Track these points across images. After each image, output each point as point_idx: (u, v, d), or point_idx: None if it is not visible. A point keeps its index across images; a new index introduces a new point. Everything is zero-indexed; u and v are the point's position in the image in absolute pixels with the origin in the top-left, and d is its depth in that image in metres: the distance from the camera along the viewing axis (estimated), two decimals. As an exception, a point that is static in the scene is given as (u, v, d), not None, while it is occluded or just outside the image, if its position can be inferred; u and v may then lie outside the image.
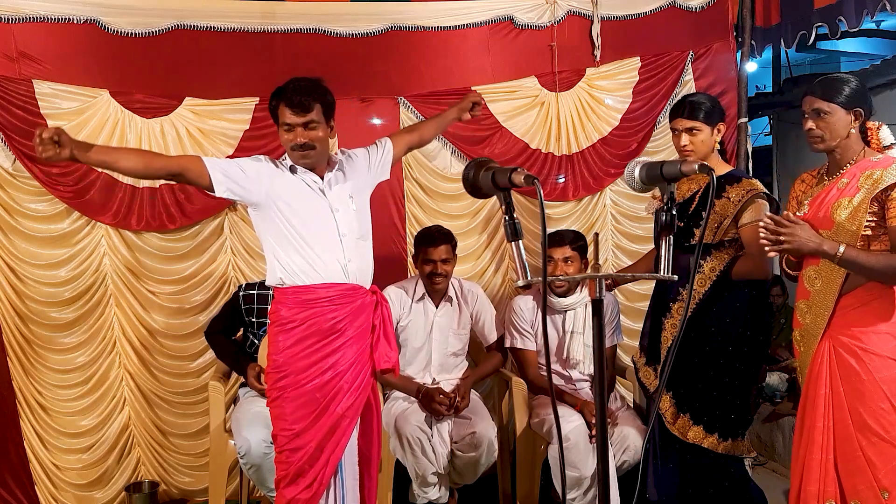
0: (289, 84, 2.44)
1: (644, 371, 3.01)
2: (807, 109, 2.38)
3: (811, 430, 2.39)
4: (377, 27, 3.67)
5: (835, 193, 2.35)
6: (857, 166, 2.33)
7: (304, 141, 2.43)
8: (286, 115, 2.42)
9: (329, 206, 2.48)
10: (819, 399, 2.36)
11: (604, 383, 1.71)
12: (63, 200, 3.39)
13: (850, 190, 2.31)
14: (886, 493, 2.22)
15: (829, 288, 2.34)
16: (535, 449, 3.28)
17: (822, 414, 2.35)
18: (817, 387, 2.37)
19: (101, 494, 3.56)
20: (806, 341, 2.44)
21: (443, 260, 3.25)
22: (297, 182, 2.49)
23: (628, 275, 3.21)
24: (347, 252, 2.48)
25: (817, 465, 2.36)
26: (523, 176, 1.60)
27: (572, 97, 3.91)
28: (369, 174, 2.67)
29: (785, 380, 4.13)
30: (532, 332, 3.34)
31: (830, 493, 2.34)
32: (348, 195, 2.53)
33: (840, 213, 2.30)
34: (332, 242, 2.46)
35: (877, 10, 3.34)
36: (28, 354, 3.42)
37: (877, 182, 2.24)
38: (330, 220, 2.47)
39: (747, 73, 4.12)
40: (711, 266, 2.77)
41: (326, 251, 2.45)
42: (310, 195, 2.48)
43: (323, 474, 2.43)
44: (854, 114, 2.33)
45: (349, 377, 2.47)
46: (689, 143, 2.74)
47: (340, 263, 2.46)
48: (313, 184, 2.50)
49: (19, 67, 3.30)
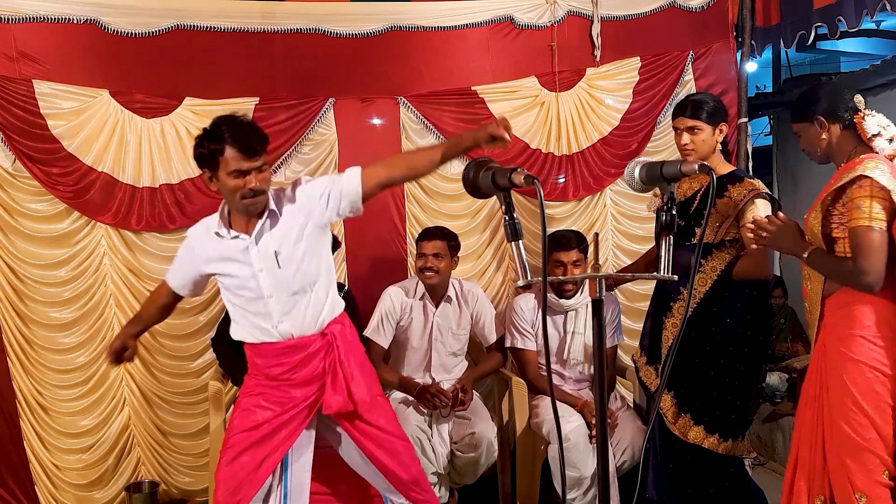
0: (231, 126, 2.25)
1: (645, 370, 3.01)
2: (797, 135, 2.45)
3: (801, 426, 2.43)
4: (377, 27, 3.67)
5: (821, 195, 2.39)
6: (844, 167, 2.34)
7: (257, 187, 2.26)
8: (237, 160, 2.22)
9: (251, 269, 2.35)
10: (810, 397, 2.39)
11: (604, 383, 1.71)
12: (63, 200, 3.39)
13: (826, 190, 2.34)
14: (863, 496, 2.23)
15: (816, 289, 2.38)
16: (535, 449, 3.28)
17: (812, 411, 2.38)
18: (810, 385, 2.40)
19: (101, 494, 3.56)
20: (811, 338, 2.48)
21: (435, 255, 3.24)
22: (222, 250, 2.38)
23: (628, 275, 3.21)
24: (276, 314, 2.37)
25: (807, 462, 2.39)
26: (523, 176, 1.60)
27: (572, 97, 3.91)
28: (313, 218, 2.38)
29: (785, 380, 4.12)
30: (533, 332, 3.34)
31: (818, 489, 2.35)
32: (273, 251, 2.34)
33: (812, 214, 2.35)
34: (258, 306, 2.38)
35: (876, 10, 3.34)
36: (28, 354, 3.42)
37: (839, 181, 2.27)
38: (253, 283, 2.36)
39: (747, 73, 4.12)
40: (712, 265, 2.78)
41: (256, 315, 2.40)
42: (233, 263, 2.38)
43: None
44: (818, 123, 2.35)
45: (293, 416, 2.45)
46: (689, 141, 2.75)
47: (270, 324, 2.39)
48: (236, 247, 2.36)
49: (19, 67, 3.30)
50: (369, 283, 3.67)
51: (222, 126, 2.26)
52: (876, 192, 2.18)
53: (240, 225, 2.38)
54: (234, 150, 2.22)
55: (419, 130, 3.78)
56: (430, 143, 3.78)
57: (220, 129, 2.25)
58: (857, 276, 2.20)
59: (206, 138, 2.28)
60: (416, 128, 3.77)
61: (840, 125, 2.34)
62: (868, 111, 2.33)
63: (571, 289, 3.24)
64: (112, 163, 3.43)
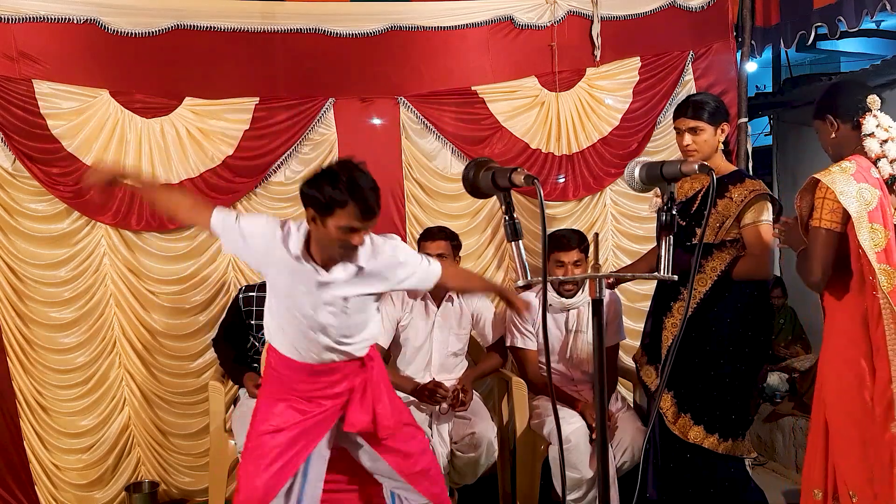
0: (357, 182, 2.15)
1: (645, 370, 3.01)
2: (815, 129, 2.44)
3: (811, 422, 2.48)
4: (377, 27, 3.67)
5: None
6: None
7: (359, 243, 2.24)
8: (353, 219, 2.16)
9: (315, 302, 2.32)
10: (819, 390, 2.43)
11: (604, 383, 1.71)
12: (63, 200, 3.38)
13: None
14: (855, 495, 2.24)
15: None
16: (535, 449, 3.28)
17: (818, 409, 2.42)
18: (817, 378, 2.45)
19: (101, 494, 3.56)
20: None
21: (438, 255, 3.24)
22: (294, 268, 2.31)
23: (628, 274, 3.20)
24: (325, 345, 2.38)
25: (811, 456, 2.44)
26: (523, 176, 1.60)
27: (572, 97, 3.91)
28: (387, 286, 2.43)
29: (785, 380, 4.12)
30: (533, 332, 3.33)
31: (817, 483, 2.38)
32: (343, 296, 2.34)
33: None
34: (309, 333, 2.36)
35: (876, 10, 3.34)
36: (28, 354, 3.42)
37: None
38: (310, 313, 2.33)
39: (747, 73, 4.12)
40: (713, 266, 2.78)
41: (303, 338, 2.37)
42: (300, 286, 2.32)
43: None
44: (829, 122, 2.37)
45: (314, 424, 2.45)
46: (692, 142, 2.74)
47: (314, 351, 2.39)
48: (309, 276, 2.31)
49: (19, 67, 3.30)
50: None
51: (349, 180, 2.15)
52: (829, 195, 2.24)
53: (319, 257, 2.32)
54: (356, 210, 2.15)
55: (419, 130, 3.78)
56: (430, 143, 3.79)
57: (346, 182, 2.15)
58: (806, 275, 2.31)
59: (328, 184, 2.15)
60: (416, 128, 3.77)
61: (850, 125, 2.35)
62: (876, 112, 2.34)
63: (572, 288, 3.23)
64: (112, 163, 3.43)
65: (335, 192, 2.14)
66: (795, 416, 3.81)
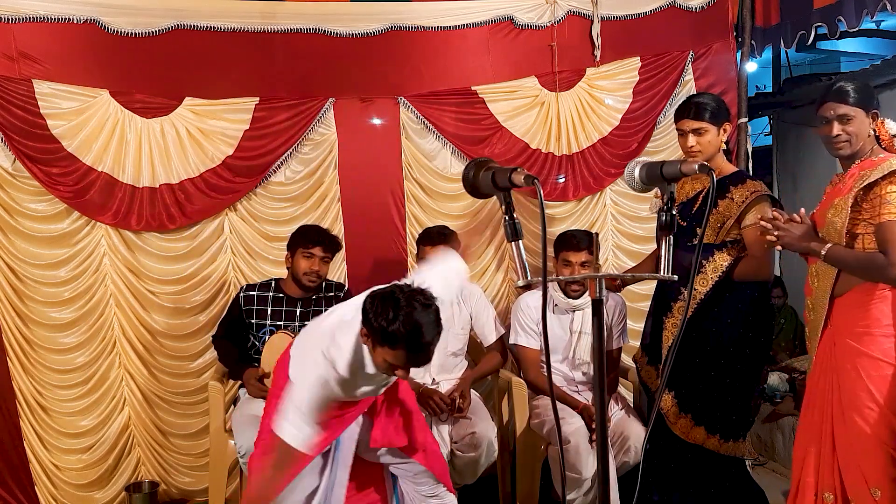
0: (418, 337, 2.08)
1: (646, 371, 3.01)
2: (830, 114, 2.35)
3: (810, 424, 2.43)
4: (377, 27, 3.67)
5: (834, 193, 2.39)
6: (859, 165, 2.35)
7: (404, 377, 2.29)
8: (401, 360, 2.13)
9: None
10: (818, 394, 2.41)
11: (604, 383, 1.71)
12: (63, 200, 3.38)
13: (845, 189, 2.34)
14: (878, 490, 2.24)
15: (824, 286, 2.39)
16: (535, 449, 3.28)
17: (820, 409, 2.40)
18: (818, 382, 2.41)
19: (101, 494, 3.56)
20: (812, 337, 2.48)
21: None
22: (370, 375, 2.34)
23: (628, 274, 3.19)
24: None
25: (814, 458, 2.40)
26: (523, 176, 1.60)
27: (572, 97, 3.91)
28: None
29: (785, 380, 4.12)
30: (537, 331, 3.31)
31: (828, 486, 2.36)
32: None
33: (830, 212, 2.35)
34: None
35: (877, 10, 3.34)
36: (28, 354, 3.41)
37: (864, 179, 2.27)
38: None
39: (747, 73, 4.12)
40: (713, 266, 2.77)
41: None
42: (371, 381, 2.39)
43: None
44: (872, 115, 2.34)
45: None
46: (695, 143, 2.74)
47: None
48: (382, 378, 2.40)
49: (19, 67, 3.30)
50: (370, 283, 3.58)
51: (412, 331, 2.07)
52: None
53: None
54: (404, 356, 2.12)
55: (419, 130, 3.78)
56: (430, 143, 3.79)
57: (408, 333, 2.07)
58: (886, 268, 2.22)
59: (393, 323, 2.07)
60: (416, 128, 3.77)
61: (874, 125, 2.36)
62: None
63: (578, 289, 3.21)
64: (112, 163, 3.43)
65: (393, 328, 2.05)
66: (796, 416, 3.81)
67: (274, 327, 3.22)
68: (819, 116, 2.39)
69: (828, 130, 2.36)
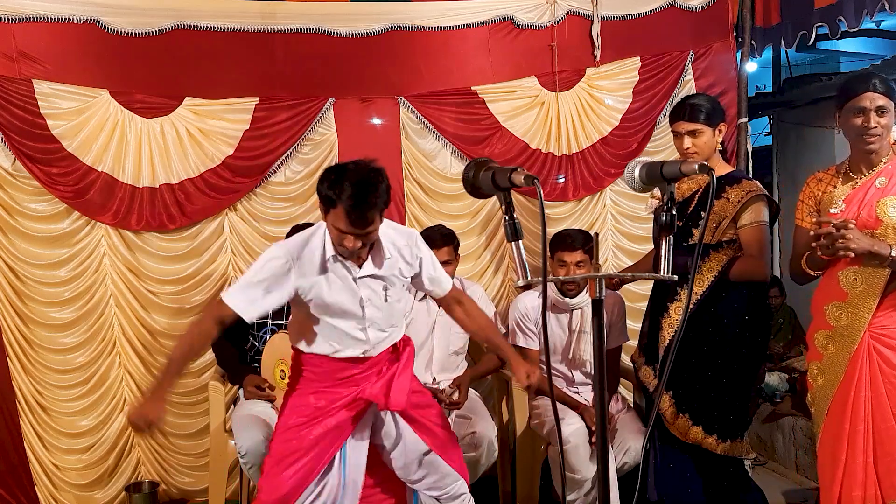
0: (354, 187, 2.17)
1: (643, 371, 3.01)
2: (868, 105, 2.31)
3: (854, 434, 2.34)
4: (377, 27, 3.67)
5: (875, 192, 2.32)
6: (893, 163, 2.32)
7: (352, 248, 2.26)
8: (343, 221, 2.21)
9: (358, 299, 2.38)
10: (860, 402, 2.33)
11: (604, 383, 1.71)
12: (63, 200, 3.39)
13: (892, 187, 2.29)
14: None
15: (872, 289, 2.31)
16: (535, 449, 3.28)
17: (862, 417, 2.32)
18: (858, 389, 2.33)
19: (101, 494, 3.57)
20: (839, 342, 2.39)
21: (444, 262, 3.24)
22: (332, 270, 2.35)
23: (628, 274, 3.19)
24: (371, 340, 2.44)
25: (861, 469, 2.33)
26: (523, 176, 1.60)
27: (572, 97, 3.91)
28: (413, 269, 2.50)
29: (785, 380, 4.12)
30: (536, 331, 3.31)
31: (872, 497, 2.31)
32: (383, 286, 2.42)
33: (889, 213, 2.28)
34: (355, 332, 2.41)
35: (877, 10, 3.34)
36: (28, 354, 3.42)
37: None
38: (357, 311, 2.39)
39: (747, 73, 4.12)
40: (710, 267, 2.77)
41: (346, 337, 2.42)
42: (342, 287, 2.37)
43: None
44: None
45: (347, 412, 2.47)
46: (691, 145, 2.74)
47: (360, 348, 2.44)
48: (345, 273, 2.36)
49: (19, 67, 3.30)
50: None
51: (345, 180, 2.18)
52: None
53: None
54: (343, 214, 2.19)
55: (419, 130, 3.78)
56: (430, 143, 3.79)
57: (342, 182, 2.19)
58: None
59: (327, 180, 2.23)
60: (416, 128, 3.78)
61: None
62: None
63: (573, 288, 3.21)
64: (112, 163, 3.43)
65: (333, 191, 2.20)
66: (795, 416, 3.81)
67: (275, 327, 3.22)
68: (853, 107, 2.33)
69: (865, 121, 2.31)
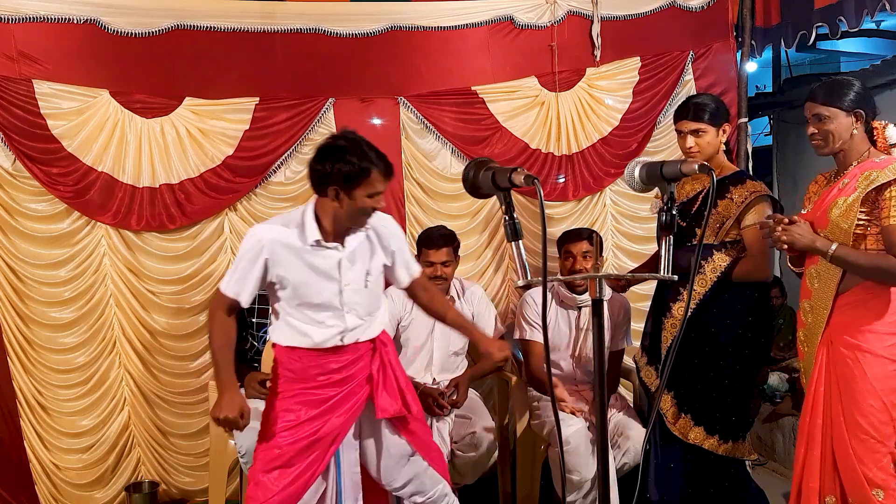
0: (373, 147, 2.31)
1: (645, 371, 3.00)
2: (808, 115, 2.39)
3: (812, 427, 2.41)
4: (377, 27, 3.67)
5: (835, 193, 2.37)
6: (859, 167, 2.34)
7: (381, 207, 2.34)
8: (380, 181, 2.29)
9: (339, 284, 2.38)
10: (818, 397, 2.39)
11: (604, 384, 1.71)
12: (63, 200, 3.38)
13: (848, 189, 2.33)
14: (880, 491, 2.24)
15: (827, 287, 2.37)
16: (535, 449, 3.28)
17: (820, 412, 2.39)
18: (817, 385, 2.40)
19: (101, 494, 3.56)
20: (809, 341, 2.46)
21: (443, 262, 3.25)
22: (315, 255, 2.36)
23: (628, 274, 3.19)
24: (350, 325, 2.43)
25: (817, 462, 2.39)
26: (523, 176, 1.60)
27: (572, 97, 3.91)
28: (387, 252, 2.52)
29: (785, 380, 4.12)
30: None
31: (829, 489, 2.36)
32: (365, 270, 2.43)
33: (834, 212, 2.33)
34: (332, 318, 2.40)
35: (877, 10, 3.34)
36: (28, 354, 3.42)
37: (871, 182, 2.26)
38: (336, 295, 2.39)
39: (747, 73, 4.12)
40: (712, 267, 2.77)
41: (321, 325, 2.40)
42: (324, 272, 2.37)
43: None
44: (855, 115, 2.33)
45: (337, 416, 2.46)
46: (694, 144, 2.74)
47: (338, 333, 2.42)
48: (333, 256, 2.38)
49: (19, 67, 3.30)
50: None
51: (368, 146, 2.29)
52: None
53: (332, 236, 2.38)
54: (380, 173, 2.29)
55: (419, 130, 3.78)
56: (430, 143, 3.79)
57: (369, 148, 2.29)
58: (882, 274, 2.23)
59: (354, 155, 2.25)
60: (416, 128, 3.78)
61: (864, 125, 2.35)
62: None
63: (582, 284, 3.20)
64: (112, 163, 3.43)
65: (364, 161, 2.25)
66: (795, 416, 3.82)
67: (275, 327, 3.21)
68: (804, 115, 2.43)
69: (808, 130, 2.40)
